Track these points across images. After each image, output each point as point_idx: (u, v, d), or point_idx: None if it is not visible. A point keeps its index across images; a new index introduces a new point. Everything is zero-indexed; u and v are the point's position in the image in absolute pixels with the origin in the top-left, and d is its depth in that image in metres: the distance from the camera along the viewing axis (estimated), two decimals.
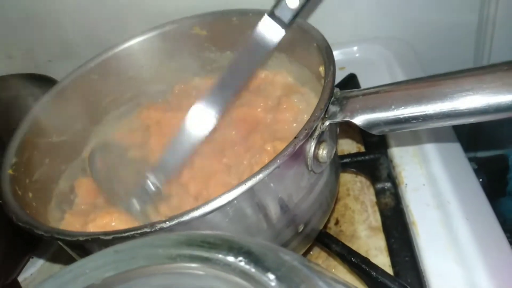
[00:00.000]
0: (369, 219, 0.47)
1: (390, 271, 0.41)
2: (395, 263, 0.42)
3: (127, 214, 0.41)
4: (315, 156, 0.35)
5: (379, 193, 0.48)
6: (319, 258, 0.46)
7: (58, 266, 0.55)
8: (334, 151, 0.38)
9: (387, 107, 0.36)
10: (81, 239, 0.32)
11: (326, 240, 0.43)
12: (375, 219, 0.47)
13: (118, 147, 0.50)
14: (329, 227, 0.48)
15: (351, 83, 0.60)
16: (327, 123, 0.36)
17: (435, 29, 0.65)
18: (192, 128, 0.44)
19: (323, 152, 0.35)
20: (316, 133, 0.35)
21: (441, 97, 0.35)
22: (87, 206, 0.47)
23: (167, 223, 0.29)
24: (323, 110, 0.35)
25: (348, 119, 0.37)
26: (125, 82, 0.55)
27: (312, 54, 0.43)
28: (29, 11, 0.65)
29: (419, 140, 0.51)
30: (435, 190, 0.45)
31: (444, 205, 0.44)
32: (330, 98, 0.36)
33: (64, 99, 0.50)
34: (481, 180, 0.50)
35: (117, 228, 0.38)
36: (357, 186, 0.51)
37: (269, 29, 0.43)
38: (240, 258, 0.19)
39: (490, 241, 0.40)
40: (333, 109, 0.37)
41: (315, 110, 0.35)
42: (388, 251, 0.43)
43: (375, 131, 0.37)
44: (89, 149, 0.52)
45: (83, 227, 0.41)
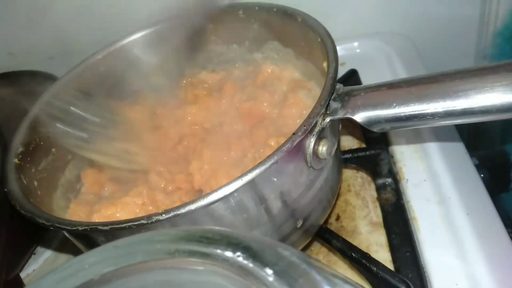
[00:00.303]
0: (370, 214, 0.47)
1: (391, 266, 0.41)
2: (396, 258, 0.42)
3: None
4: (314, 152, 0.35)
5: (380, 188, 0.48)
6: (320, 253, 0.46)
7: (61, 262, 0.55)
8: (335, 147, 0.38)
9: (388, 104, 0.36)
10: (80, 228, 0.32)
11: (326, 236, 0.43)
12: (376, 214, 0.47)
13: None
14: (330, 223, 0.48)
15: (352, 79, 0.59)
16: (327, 120, 0.36)
17: (436, 24, 0.65)
18: None
19: (323, 149, 0.35)
20: (316, 129, 0.35)
21: (443, 95, 0.34)
22: (93, 196, 0.47)
23: (164, 215, 0.29)
24: (323, 106, 0.35)
25: (349, 116, 0.37)
26: (131, 75, 0.55)
27: (317, 49, 0.43)
28: (30, 8, 0.65)
29: (420, 136, 0.51)
30: (436, 185, 0.45)
31: (445, 200, 0.44)
32: (330, 94, 0.36)
33: (70, 90, 0.50)
34: (482, 175, 0.49)
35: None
36: (358, 182, 0.51)
37: None
38: (238, 254, 0.19)
39: (491, 236, 0.40)
40: (334, 105, 0.37)
41: (315, 106, 0.34)
42: (389, 246, 0.43)
43: (376, 129, 0.37)
44: None
45: (88, 217, 0.41)
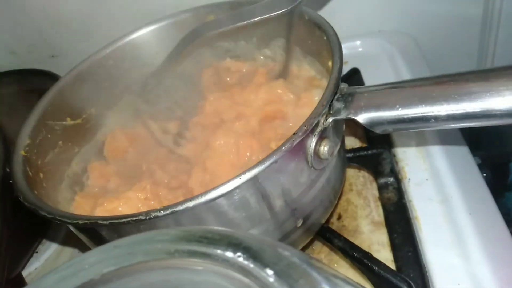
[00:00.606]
0: (371, 214, 0.47)
1: (392, 266, 0.41)
2: (397, 258, 0.42)
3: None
4: (316, 152, 0.35)
5: (382, 188, 0.48)
6: (322, 252, 0.46)
7: (63, 260, 0.55)
8: (337, 148, 0.38)
9: (391, 106, 0.35)
10: (80, 222, 0.32)
11: (328, 235, 0.43)
12: (377, 214, 0.47)
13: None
14: (331, 222, 0.48)
15: (354, 78, 0.59)
16: (330, 120, 0.36)
17: (439, 22, 0.64)
18: None
19: (324, 149, 0.35)
20: (318, 129, 0.35)
21: (447, 98, 0.34)
22: (98, 189, 0.47)
23: (162, 212, 0.29)
24: (325, 106, 0.34)
25: (351, 116, 0.36)
26: (139, 69, 0.55)
27: (323, 47, 0.43)
28: (31, 7, 0.65)
29: (422, 135, 0.50)
30: (438, 184, 0.45)
31: (447, 200, 0.44)
32: (333, 95, 0.36)
33: (79, 84, 0.50)
34: (485, 175, 0.49)
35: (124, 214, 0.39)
36: (360, 181, 0.51)
37: None
38: (239, 254, 0.19)
39: (493, 236, 0.40)
40: (337, 105, 0.37)
41: (317, 106, 0.34)
42: (391, 246, 0.43)
43: (379, 130, 0.37)
44: (102, 133, 0.52)
45: (92, 210, 0.41)
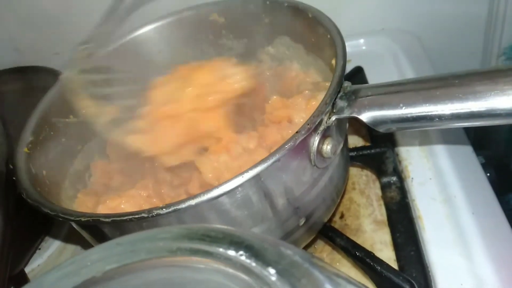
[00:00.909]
0: (374, 213, 0.47)
1: (395, 265, 0.41)
2: (400, 257, 0.41)
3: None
4: (319, 151, 0.35)
5: (385, 187, 0.48)
6: (324, 251, 0.46)
7: (66, 257, 0.55)
8: (340, 146, 0.38)
9: (395, 105, 0.35)
10: (83, 219, 0.32)
11: (330, 234, 0.43)
12: (380, 213, 0.46)
13: None
14: (334, 221, 0.47)
15: (357, 76, 0.59)
16: (333, 118, 0.36)
17: (443, 21, 0.64)
18: None
19: (327, 147, 0.35)
20: (321, 127, 0.35)
21: (452, 98, 0.34)
22: (101, 187, 0.47)
23: (164, 210, 0.30)
24: (328, 105, 0.34)
25: (355, 115, 0.36)
26: (142, 67, 0.55)
27: (326, 46, 0.43)
28: (34, 5, 0.65)
29: (426, 134, 0.50)
30: (441, 184, 0.45)
31: (450, 199, 0.43)
32: (336, 93, 0.35)
33: (81, 81, 0.50)
34: (488, 174, 0.49)
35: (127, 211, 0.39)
36: (363, 180, 0.51)
37: None
38: (241, 252, 0.19)
39: (496, 236, 0.40)
40: (340, 104, 0.37)
41: (320, 104, 0.34)
42: (393, 245, 0.43)
43: (382, 129, 0.36)
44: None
45: (95, 207, 0.41)
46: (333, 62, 0.39)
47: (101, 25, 0.47)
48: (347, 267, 0.43)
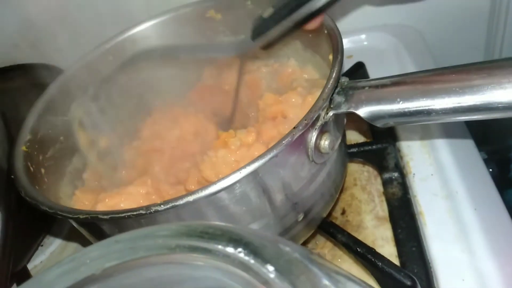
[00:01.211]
0: (376, 209, 0.47)
1: (396, 261, 0.41)
2: (401, 253, 0.41)
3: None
4: (316, 146, 0.35)
5: (386, 183, 0.48)
6: (325, 247, 0.46)
7: (68, 253, 0.56)
8: (338, 142, 0.38)
9: (393, 99, 0.35)
10: (81, 217, 0.32)
11: (331, 230, 0.43)
12: (382, 209, 0.46)
13: None
14: (335, 217, 0.47)
15: (359, 72, 0.59)
16: (331, 113, 0.36)
17: (445, 15, 0.63)
18: None
19: (325, 143, 0.35)
20: (318, 123, 0.34)
21: (449, 91, 0.34)
22: (97, 184, 0.47)
23: (162, 206, 0.29)
24: (325, 100, 0.34)
25: (352, 110, 0.36)
26: (139, 64, 0.54)
27: (323, 41, 0.43)
28: (35, 1, 0.65)
29: (427, 130, 0.50)
30: (443, 180, 0.45)
31: (452, 195, 0.43)
32: (334, 88, 0.35)
33: (80, 79, 0.50)
34: (491, 170, 0.49)
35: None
36: (364, 176, 0.51)
37: None
38: (240, 250, 0.19)
39: (498, 232, 0.39)
40: (338, 99, 0.37)
41: (318, 100, 0.34)
42: (395, 241, 0.43)
43: (380, 124, 0.36)
44: None
45: (94, 205, 0.41)
46: (331, 57, 0.39)
47: None
48: (348, 263, 0.43)
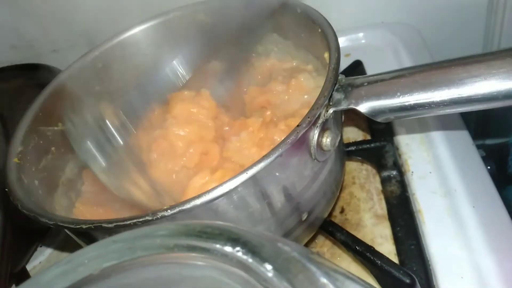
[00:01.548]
0: (374, 207, 0.47)
1: (395, 259, 0.41)
2: (400, 251, 0.41)
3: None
4: (318, 144, 0.35)
5: (385, 181, 0.48)
6: (324, 246, 0.46)
7: (67, 255, 0.55)
8: (338, 139, 0.38)
9: (392, 94, 0.36)
10: (84, 227, 0.32)
11: (330, 229, 0.43)
12: (380, 207, 0.46)
13: None
14: (334, 216, 0.47)
15: (357, 70, 0.59)
16: (331, 111, 0.36)
17: (443, 13, 0.63)
18: None
19: (327, 140, 0.35)
20: (319, 121, 0.34)
21: (448, 83, 0.34)
22: (94, 195, 0.47)
23: (169, 211, 0.29)
24: (326, 97, 0.34)
25: (353, 106, 0.36)
26: (130, 70, 0.54)
27: (317, 40, 0.42)
28: (33, 2, 0.65)
29: (426, 127, 0.50)
30: (441, 177, 0.45)
31: (450, 193, 0.43)
32: (333, 85, 0.35)
33: (69, 88, 0.49)
34: (489, 167, 0.49)
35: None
36: (363, 174, 0.51)
37: None
38: (238, 249, 0.19)
39: (497, 229, 0.39)
40: (337, 96, 0.37)
41: (319, 97, 0.34)
42: (394, 239, 0.43)
43: (380, 119, 0.37)
44: None
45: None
46: (326, 56, 0.39)
47: None
48: (347, 262, 0.43)
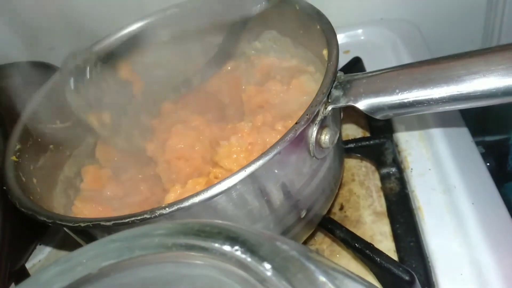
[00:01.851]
0: (374, 204, 0.47)
1: (395, 256, 0.41)
2: (400, 248, 0.41)
3: None
4: (317, 141, 0.34)
5: (384, 178, 0.48)
6: (323, 243, 0.46)
7: (66, 253, 0.55)
8: (337, 136, 0.38)
9: (391, 91, 0.35)
10: (82, 225, 0.32)
11: (330, 226, 0.43)
12: (380, 204, 0.46)
13: None
14: (333, 213, 0.47)
15: (356, 67, 0.59)
16: (329, 108, 0.36)
17: (442, 9, 0.63)
18: None
19: (325, 138, 0.35)
20: (318, 118, 0.34)
21: (447, 80, 0.34)
22: (94, 193, 0.47)
23: (167, 209, 0.29)
24: (325, 94, 0.34)
25: (351, 103, 0.36)
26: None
27: (316, 37, 0.42)
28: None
29: (425, 124, 0.50)
30: (441, 174, 0.45)
31: (450, 189, 0.43)
32: (332, 82, 0.35)
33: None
34: (488, 164, 0.49)
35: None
36: (362, 171, 0.50)
37: None
38: (236, 248, 0.19)
39: (496, 226, 0.39)
40: (336, 93, 0.37)
41: (317, 95, 0.34)
42: (393, 236, 0.43)
43: (379, 116, 0.37)
44: (93, 135, 0.51)
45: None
46: (324, 52, 0.39)
47: None
48: (347, 259, 0.43)
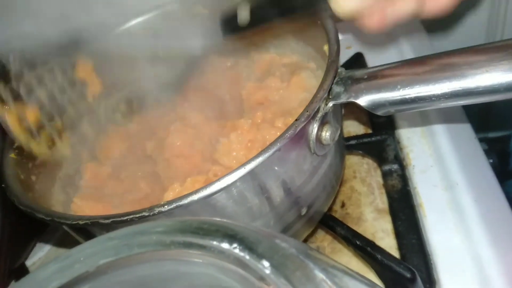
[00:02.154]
0: (375, 201, 0.46)
1: (396, 253, 0.41)
2: (401, 245, 0.41)
3: None
4: (318, 138, 0.34)
5: (386, 175, 0.47)
6: (324, 241, 0.45)
7: (66, 250, 0.55)
8: (338, 132, 0.38)
9: (393, 87, 0.35)
10: (81, 222, 0.32)
11: (331, 223, 0.42)
12: (381, 201, 0.46)
13: None
14: (335, 210, 0.47)
15: (357, 63, 0.58)
16: (330, 104, 0.35)
17: None
18: None
19: (326, 134, 0.35)
20: (319, 114, 0.34)
21: (449, 76, 0.33)
22: (93, 190, 0.47)
23: (166, 206, 0.29)
24: (325, 90, 0.34)
25: (352, 99, 0.36)
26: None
27: (317, 32, 0.42)
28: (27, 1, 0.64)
29: (427, 120, 0.49)
30: (443, 171, 0.44)
31: (452, 186, 0.43)
32: (333, 78, 0.35)
33: None
34: (491, 161, 0.48)
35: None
36: (364, 168, 0.50)
37: None
38: (235, 245, 0.19)
39: (499, 223, 0.39)
40: (337, 89, 0.36)
41: (318, 91, 0.34)
42: (395, 233, 0.42)
43: (381, 112, 0.36)
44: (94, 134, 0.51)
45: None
46: (325, 48, 0.38)
47: None
48: (348, 257, 0.43)
